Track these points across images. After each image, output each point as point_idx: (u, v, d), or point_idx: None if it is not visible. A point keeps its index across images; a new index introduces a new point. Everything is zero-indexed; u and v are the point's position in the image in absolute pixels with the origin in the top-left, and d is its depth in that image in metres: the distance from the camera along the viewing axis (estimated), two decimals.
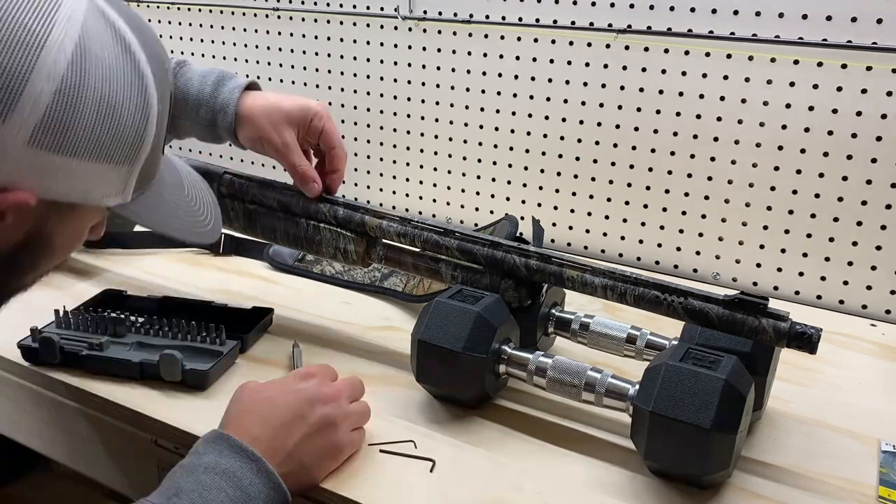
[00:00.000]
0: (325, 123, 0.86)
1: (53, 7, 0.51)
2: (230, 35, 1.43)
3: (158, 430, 0.76)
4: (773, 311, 0.68)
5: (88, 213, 0.60)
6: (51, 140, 0.51)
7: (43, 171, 0.52)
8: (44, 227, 0.56)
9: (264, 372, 0.84)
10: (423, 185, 1.32)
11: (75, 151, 0.53)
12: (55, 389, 0.83)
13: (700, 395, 0.64)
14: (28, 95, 0.50)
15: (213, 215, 0.72)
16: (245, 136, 0.87)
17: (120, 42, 0.54)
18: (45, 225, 0.56)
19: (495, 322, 0.75)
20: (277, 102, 0.86)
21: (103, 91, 0.53)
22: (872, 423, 0.79)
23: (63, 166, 0.53)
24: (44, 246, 0.58)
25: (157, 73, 0.57)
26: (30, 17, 0.50)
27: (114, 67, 0.54)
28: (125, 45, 0.55)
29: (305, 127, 0.86)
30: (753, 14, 1.00)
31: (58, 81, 0.50)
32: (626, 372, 0.80)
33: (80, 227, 0.61)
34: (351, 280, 1.06)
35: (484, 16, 1.17)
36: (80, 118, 0.52)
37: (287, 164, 0.86)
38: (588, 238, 1.21)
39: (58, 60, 0.50)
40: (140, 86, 0.56)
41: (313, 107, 0.86)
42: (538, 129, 1.19)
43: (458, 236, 0.82)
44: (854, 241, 1.02)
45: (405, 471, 0.69)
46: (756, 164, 1.05)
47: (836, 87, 0.98)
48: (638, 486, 0.69)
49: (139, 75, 0.55)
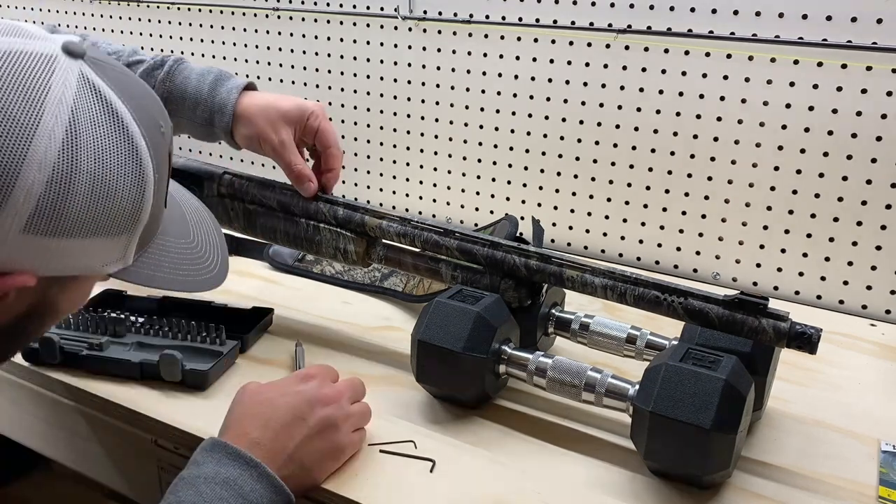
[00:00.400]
0: (321, 123, 0.87)
1: (42, 93, 0.51)
2: (230, 35, 1.43)
3: (158, 430, 0.76)
4: (773, 311, 0.68)
5: (91, 279, 0.61)
6: (46, 226, 0.51)
7: (40, 253, 0.52)
8: (47, 298, 0.57)
9: (264, 372, 0.84)
10: (423, 185, 1.32)
11: (71, 232, 0.53)
12: (55, 389, 0.83)
13: (700, 395, 0.64)
14: (20, 188, 0.49)
15: (219, 257, 0.72)
16: (242, 134, 0.87)
17: (111, 117, 0.54)
18: (48, 295, 0.57)
19: (495, 322, 0.75)
20: (275, 102, 0.87)
21: (96, 172, 0.53)
22: (872, 423, 0.79)
23: (60, 247, 0.53)
24: (49, 313, 0.59)
25: (153, 139, 0.57)
26: (18, 108, 0.49)
27: (106, 145, 0.53)
28: (117, 120, 0.54)
29: (302, 126, 0.87)
30: (753, 14, 1.00)
31: (49, 170, 0.50)
32: (626, 372, 0.80)
33: (84, 291, 0.62)
34: (351, 280, 1.06)
35: (484, 16, 1.17)
36: (73, 202, 0.52)
37: (283, 163, 0.86)
38: (588, 238, 1.21)
39: (48, 149, 0.50)
40: (134, 159, 0.55)
41: (310, 106, 0.87)
42: (538, 129, 1.19)
43: (458, 236, 0.82)
44: (854, 241, 1.02)
45: (405, 471, 0.69)
46: (756, 164, 1.05)
47: (836, 87, 0.98)
48: (638, 486, 0.69)
49: (132, 148, 0.55)
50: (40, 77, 0.51)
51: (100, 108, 0.53)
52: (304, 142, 0.89)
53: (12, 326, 0.57)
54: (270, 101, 0.87)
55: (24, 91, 0.50)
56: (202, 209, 0.75)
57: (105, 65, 0.55)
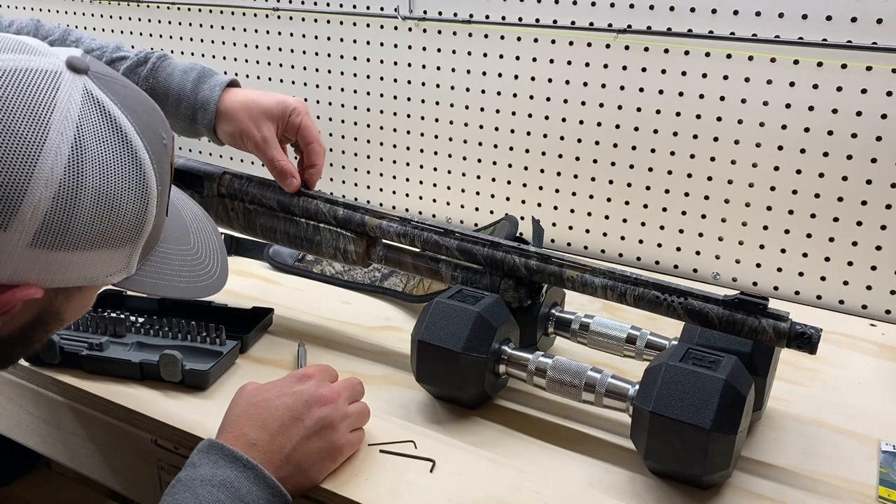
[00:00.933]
0: (302, 119, 0.87)
1: (48, 111, 0.51)
2: (230, 35, 1.42)
3: (158, 430, 0.76)
4: (773, 311, 0.68)
5: (95, 288, 0.61)
6: (52, 240, 0.52)
7: (47, 266, 0.53)
8: (52, 307, 0.58)
9: (264, 372, 0.84)
10: (423, 185, 1.32)
11: (77, 245, 0.53)
12: (55, 389, 0.83)
13: (700, 396, 0.64)
14: (27, 204, 0.50)
15: (218, 263, 0.72)
16: (225, 131, 0.88)
17: (116, 132, 0.55)
18: (53, 305, 0.58)
19: (495, 322, 0.75)
20: (257, 99, 0.87)
21: (101, 186, 0.53)
22: (872, 423, 0.79)
23: (66, 260, 0.54)
24: (53, 321, 0.60)
25: (156, 153, 0.58)
26: (25, 126, 0.50)
27: (110, 160, 0.54)
28: (121, 135, 0.55)
29: (284, 123, 0.87)
30: (753, 14, 1.00)
31: (55, 187, 0.51)
32: (626, 372, 0.80)
33: (88, 300, 0.62)
34: (351, 280, 1.06)
35: (484, 16, 1.17)
36: (79, 216, 0.53)
37: (266, 159, 0.87)
38: (588, 238, 1.21)
39: (55, 166, 0.51)
40: (138, 173, 0.56)
41: (291, 103, 0.87)
42: (538, 129, 1.19)
43: (458, 236, 0.82)
44: (854, 241, 1.02)
45: (405, 471, 0.69)
46: (756, 164, 1.05)
47: (836, 87, 0.98)
48: (638, 486, 0.69)
49: (136, 163, 0.56)
50: (46, 94, 0.51)
51: (104, 123, 0.54)
52: (287, 138, 0.89)
53: (17, 334, 0.58)
54: (253, 97, 0.87)
55: (31, 109, 0.50)
56: (201, 214, 0.75)
57: (108, 79, 0.56)
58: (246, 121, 0.86)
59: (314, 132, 0.88)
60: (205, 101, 0.87)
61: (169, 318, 0.88)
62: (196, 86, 0.88)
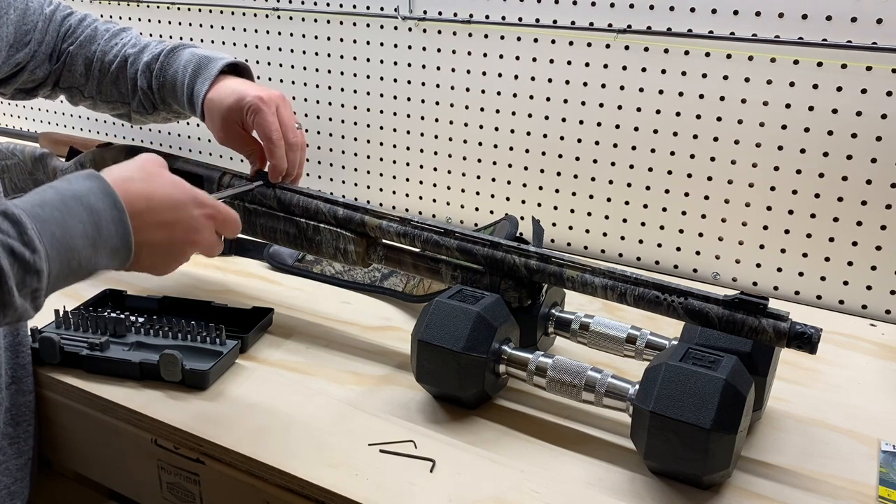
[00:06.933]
0: (256, 117, 0.85)
1: None
2: (230, 35, 1.43)
3: (158, 430, 0.76)
4: (773, 311, 0.68)
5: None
6: None
7: None
8: None
9: (265, 372, 0.84)
10: (423, 185, 1.32)
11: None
12: (55, 389, 0.83)
13: (700, 395, 0.64)
14: None
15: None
16: (211, 128, 0.90)
17: None
18: None
19: (495, 322, 0.75)
20: (226, 96, 0.87)
21: None
22: (872, 423, 0.79)
23: None
24: None
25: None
26: None
27: None
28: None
29: (241, 122, 0.87)
30: (753, 14, 1.00)
31: None
32: (626, 372, 0.80)
33: None
34: (351, 280, 1.06)
35: (484, 16, 1.17)
36: None
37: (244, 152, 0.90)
38: (588, 238, 1.21)
39: None
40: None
41: (248, 100, 0.86)
42: (538, 129, 1.19)
43: (458, 236, 0.82)
44: (854, 241, 1.02)
45: (405, 471, 0.69)
46: (756, 164, 1.05)
47: (836, 87, 0.98)
48: (638, 486, 0.69)
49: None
50: None
51: None
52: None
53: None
54: (224, 94, 0.87)
55: None
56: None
57: None
58: (215, 122, 0.88)
59: (271, 127, 0.85)
60: (195, 101, 0.90)
61: (169, 318, 0.88)
62: (191, 83, 0.90)
